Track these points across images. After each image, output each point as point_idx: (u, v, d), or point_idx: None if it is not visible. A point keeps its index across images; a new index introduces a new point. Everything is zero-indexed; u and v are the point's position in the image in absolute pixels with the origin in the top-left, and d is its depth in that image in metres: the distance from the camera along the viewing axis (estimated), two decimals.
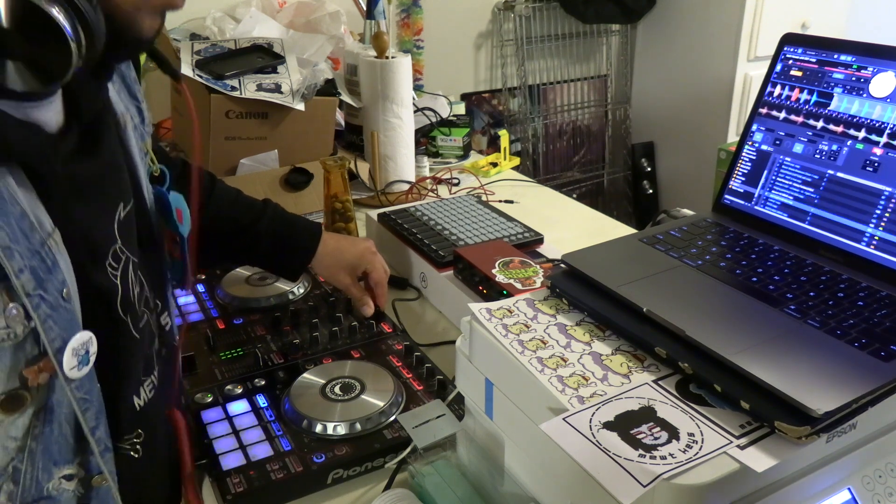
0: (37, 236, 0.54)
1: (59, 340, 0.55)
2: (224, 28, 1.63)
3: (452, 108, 1.85)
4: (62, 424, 0.58)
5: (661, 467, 0.50)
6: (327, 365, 0.94)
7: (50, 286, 0.54)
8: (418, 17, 2.23)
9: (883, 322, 0.62)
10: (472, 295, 1.04)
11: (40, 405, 0.57)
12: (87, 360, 0.58)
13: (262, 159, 1.39)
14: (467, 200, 1.36)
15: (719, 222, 0.82)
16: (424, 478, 0.73)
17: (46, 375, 0.56)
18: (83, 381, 0.58)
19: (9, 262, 0.51)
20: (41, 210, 0.55)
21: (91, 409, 0.59)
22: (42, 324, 0.53)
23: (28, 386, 0.55)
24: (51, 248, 0.55)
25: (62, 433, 0.58)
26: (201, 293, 1.14)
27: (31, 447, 0.57)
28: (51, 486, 0.59)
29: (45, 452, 0.58)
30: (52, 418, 0.57)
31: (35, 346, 0.55)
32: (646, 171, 2.82)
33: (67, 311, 0.56)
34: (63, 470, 0.59)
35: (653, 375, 0.60)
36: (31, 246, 0.53)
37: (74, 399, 0.57)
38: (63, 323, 0.55)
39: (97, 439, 0.60)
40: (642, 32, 2.72)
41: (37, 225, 0.54)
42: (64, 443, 0.59)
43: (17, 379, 0.54)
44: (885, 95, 0.71)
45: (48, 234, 0.55)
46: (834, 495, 0.59)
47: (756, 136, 0.82)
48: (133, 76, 0.75)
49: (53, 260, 0.55)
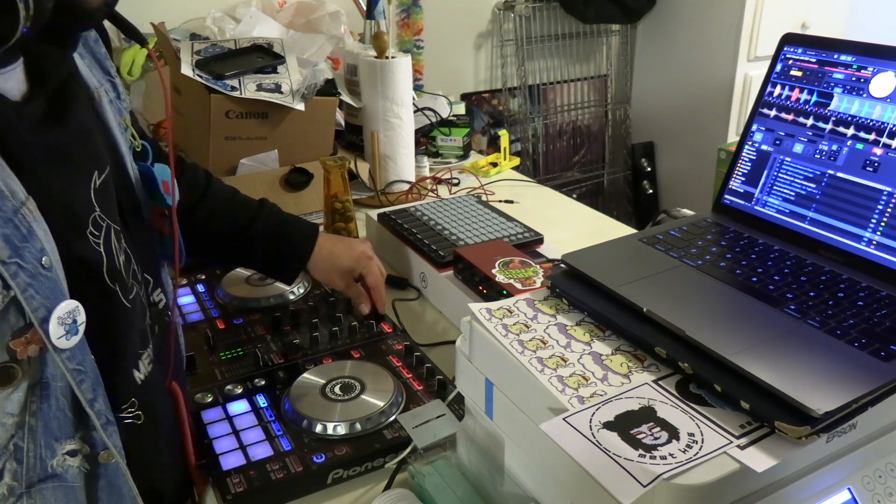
0: (9, 204, 0.53)
1: (42, 310, 0.55)
2: (224, 28, 1.63)
3: (452, 108, 1.84)
4: (59, 398, 0.58)
5: (661, 467, 0.50)
6: (327, 365, 0.94)
7: (27, 254, 0.54)
8: (418, 17, 2.23)
9: (883, 322, 0.62)
10: (472, 295, 1.04)
11: (35, 380, 0.56)
12: (76, 330, 0.57)
13: (262, 159, 1.39)
14: (467, 200, 1.36)
15: (719, 222, 0.82)
16: (424, 478, 0.73)
17: (36, 348, 0.55)
18: (74, 351, 0.58)
19: None
20: (12, 179, 0.54)
21: (87, 381, 0.59)
22: (22, 293, 0.53)
23: (18, 359, 0.55)
24: (25, 216, 0.54)
25: (59, 407, 0.58)
26: (201, 293, 1.14)
27: (30, 424, 0.57)
28: (55, 464, 0.59)
29: (45, 429, 0.57)
30: (48, 393, 0.57)
31: (20, 318, 0.54)
32: (646, 171, 2.82)
33: (49, 279, 0.55)
34: (65, 445, 0.59)
35: (653, 375, 0.60)
36: (3, 214, 0.53)
37: (67, 371, 0.57)
38: (45, 292, 0.55)
39: (97, 412, 0.60)
40: (642, 32, 2.72)
41: (8, 194, 0.53)
42: (63, 417, 0.58)
43: (4, 352, 0.54)
44: (885, 95, 0.71)
45: (21, 202, 0.54)
46: (834, 495, 0.59)
47: (756, 136, 0.82)
48: (104, 52, 0.74)
49: (29, 228, 0.54)
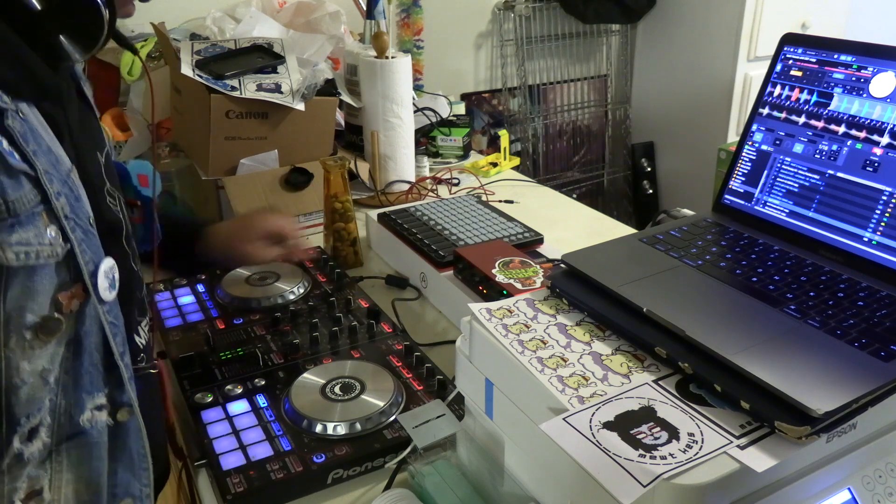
0: (63, 168, 0.59)
1: (91, 264, 0.60)
2: (224, 28, 1.62)
3: (452, 108, 1.85)
4: (92, 353, 0.61)
5: (661, 467, 0.50)
6: (327, 365, 0.94)
7: (80, 213, 0.59)
8: (418, 17, 2.23)
9: (883, 322, 0.62)
10: (472, 295, 1.04)
11: (70, 336, 0.60)
12: (115, 285, 0.63)
13: (262, 159, 1.39)
14: (467, 200, 1.36)
15: (719, 222, 0.82)
16: (424, 478, 0.73)
17: (77, 302, 0.59)
18: (112, 305, 0.63)
19: (49, 185, 0.56)
20: (59, 148, 0.60)
21: (119, 335, 0.64)
22: (77, 246, 0.58)
23: (63, 311, 0.58)
24: (74, 180, 0.60)
25: (92, 362, 0.61)
26: (201, 293, 1.14)
27: (63, 380, 0.60)
28: (84, 419, 0.62)
29: (76, 384, 0.61)
30: (80, 349, 0.60)
31: (67, 272, 0.58)
32: (646, 171, 2.82)
33: (95, 237, 0.61)
34: (95, 400, 0.62)
35: (653, 375, 0.60)
36: (60, 176, 0.58)
37: (106, 323, 0.62)
38: (93, 248, 0.60)
39: (125, 364, 0.64)
40: (642, 32, 2.73)
41: (61, 159, 0.59)
42: (95, 372, 0.62)
43: (53, 304, 0.57)
44: (885, 95, 0.71)
45: (69, 168, 0.60)
46: (834, 495, 0.59)
47: (756, 136, 0.82)
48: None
49: (78, 192, 0.60)
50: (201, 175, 1.40)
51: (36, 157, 0.55)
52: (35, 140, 0.56)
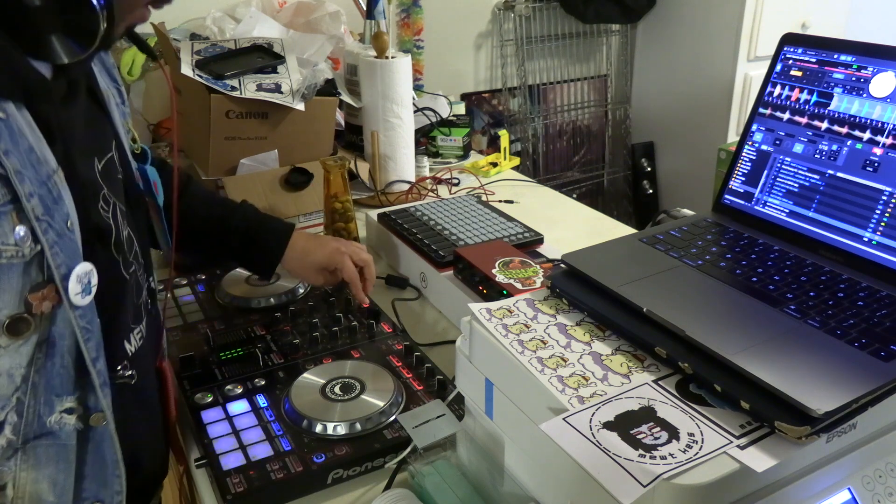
0: (44, 170, 0.58)
1: (64, 267, 0.59)
2: (224, 28, 1.62)
3: (452, 108, 1.84)
4: (63, 356, 0.61)
5: (661, 467, 0.50)
6: (327, 365, 0.94)
7: (56, 215, 0.59)
8: (418, 17, 2.23)
9: (883, 322, 0.62)
10: (472, 295, 1.04)
11: (43, 337, 0.60)
12: (90, 290, 0.62)
13: (262, 159, 1.38)
14: (467, 200, 1.36)
15: (719, 222, 0.82)
16: (424, 478, 0.73)
17: (49, 305, 0.59)
18: (86, 310, 0.62)
19: (20, 185, 0.55)
20: (46, 149, 0.59)
21: (92, 340, 0.63)
22: (49, 249, 0.58)
23: (32, 312, 0.58)
24: (56, 182, 0.59)
25: (63, 365, 0.61)
26: (201, 293, 1.14)
27: (33, 379, 0.60)
28: (52, 421, 0.62)
29: (46, 385, 0.61)
30: (53, 351, 0.61)
31: (40, 273, 0.58)
32: (646, 171, 2.82)
33: (71, 241, 0.60)
34: (64, 403, 0.62)
35: (653, 375, 0.60)
36: (38, 177, 0.57)
37: (78, 328, 0.61)
38: (68, 251, 0.60)
39: (98, 371, 0.64)
40: (642, 32, 2.72)
41: (43, 160, 0.58)
42: (66, 375, 0.62)
43: (22, 303, 0.57)
44: (885, 95, 0.71)
45: (53, 170, 0.59)
46: (834, 495, 0.59)
47: (756, 136, 0.82)
48: (111, 62, 0.80)
49: (59, 193, 0.59)
50: (201, 175, 1.40)
51: (7, 157, 0.55)
52: (11, 140, 0.55)
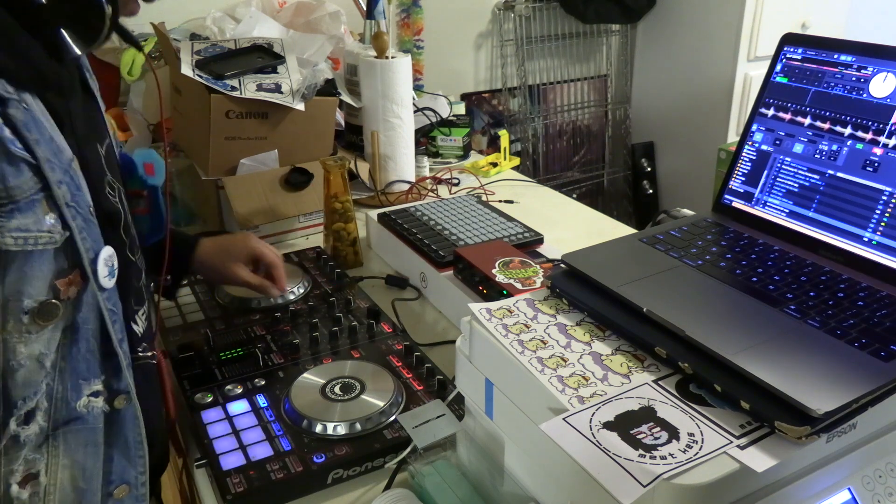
0: (64, 158, 0.60)
1: (92, 252, 0.61)
2: (224, 28, 1.62)
3: (452, 108, 1.84)
4: (89, 341, 0.63)
5: (661, 467, 0.50)
6: (327, 365, 0.94)
7: (81, 202, 0.61)
8: (418, 17, 2.23)
9: (883, 322, 0.62)
10: (472, 295, 1.04)
11: (68, 322, 0.61)
12: (114, 273, 0.65)
13: (262, 159, 1.38)
14: (467, 200, 1.36)
15: (719, 222, 0.82)
16: (424, 478, 0.73)
17: (75, 290, 0.61)
18: (111, 293, 0.64)
19: (51, 173, 0.57)
20: (61, 138, 0.61)
21: (118, 322, 0.65)
22: (78, 234, 0.60)
23: (60, 297, 0.60)
24: (75, 170, 0.61)
25: (89, 349, 0.63)
26: (201, 293, 1.14)
27: (60, 365, 0.62)
28: (81, 405, 0.63)
29: (73, 370, 0.62)
30: (77, 337, 0.62)
31: (65, 259, 0.60)
32: (646, 171, 2.82)
33: (95, 226, 0.63)
34: (92, 386, 0.64)
35: (653, 375, 0.60)
36: (62, 165, 0.59)
37: (106, 310, 0.63)
38: (93, 236, 0.62)
39: (124, 352, 0.66)
40: (642, 32, 2.73)
41: (63, 149, 0.60)
42: (92, 359, 0.64)
43: (50, 290, 0.59)
44: (885, 95, 0.71)
45: (71, 158, 0.61)
46: (834, 495, 0.59)
47: (756, 136, 0.82)
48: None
49: (79, 182, 0.62)
50: (201, 175, 1.40)
51: (38, 146, 0.56)
52: (37, 129, 0.57)
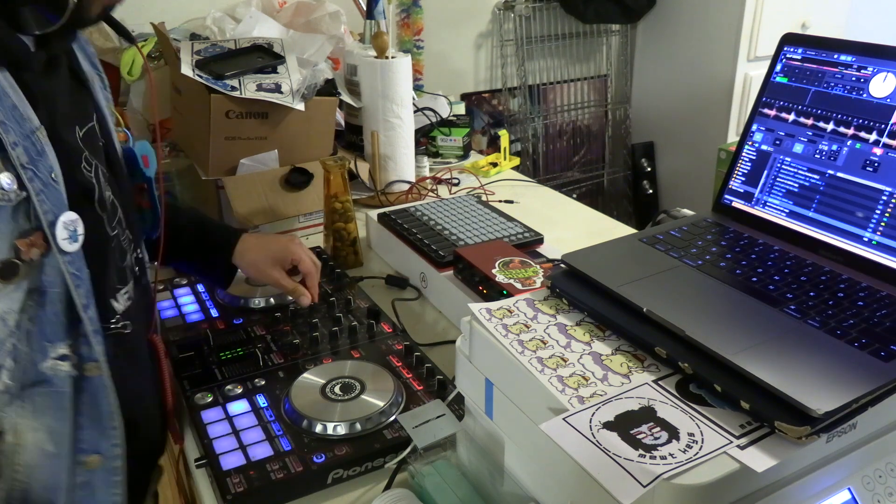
0: (27, 125, 0.62)
1: (51, 214, 0.63)
2: (224, 28, 1.62)
3: (452, 108, 1.84)
4: (55, 303, 0.65)
5: (661, 467, 0.50)
6: (327, 365, 0.94)
7: (41, 166, 0.63)
8: (418, 17, 2.23)
9: (883, 322, 0.62)
10: (472, 295, 1.04)
11: (33, 284, 0.63)
12: (77, 238, 0.65)
13: (262, 159, 1.38)
14: (467, 200, 1.36)
15: (719, 222, 0.82)
16: (424, 478, 0.73)
17: (38, 252, 0.63)
18: (74, 257, 0.65)
19: (4, 135, 0.59)
20: (29, 109, 0.63)
21: (82, 287, 0.66)
22: (35, 196, 0.61)
23: (21, 258, 0.61)
24: (39, 138, 0.63)
25: (55, 311, 0.65)
26: (201, 293, 1.14)
27: (27, 327, 0.64)
28: (47, 367, 0.65)
29: (39, 332, 0.64)
30: (44, 300, 0.64)
31: (27, 221, 0.62)
32: (646, 171, 2.82)
33: (56, 191, 0.64)
34: (57, 349, 0.65)
35: (653, 375, 0.60)
36: (22, 131, 0.61)
37: (68, 274, 0.64)
38: (53, 200, 0.63)
39: (89, 318, 0.67)
40: (642, 32, 2.73)
41: (26, 118, 0.62)
42: (57, 322, 0.65)
43: (11, 249, 0.61)
44: (885, 95, 0.71)
45: (36, 127, 0.63)
46: (834, 495, 0.59)
47: (756, 136, 0.82)
48: (92, 51, 0.85)
49: (42, 148, 0.63)
50: (201, 175, 1.40)
51: None
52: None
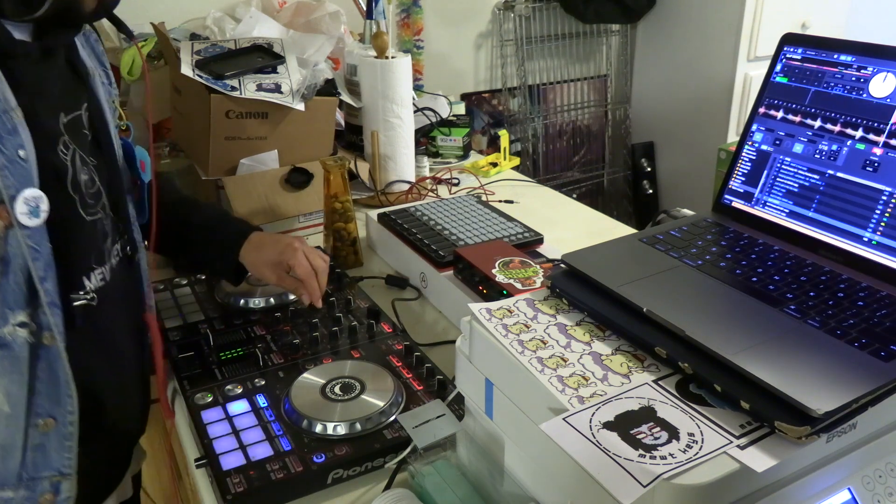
0: (1, 105, 0.65)
1: (13, 189, 0.65)
2: (224, 28, 1.62)
3: (452, 108, 1.84)
4: (16, 273, 0.68)
5: (661, 467, 0.50)
6: (327, 365, 0.94)
7: (8, 144, 0.65)
8: (418, 17, 2.23)
9: (883, 322, 0.62)
10: (472, 295, 1.04)
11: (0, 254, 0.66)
12: (38, 214, 0.68)
13: (262, 159, 1.39)
14: (467, 200, 1.36)
15: (719, 222, 0.82)
16: (424, 478, 0.73)
17: (2, 225, 0.65)
18: (34, 232, 0.68)
19: None
20: (8, 91, 0.66)
21: (40, 261, 0.69)
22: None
23: None
24: (12, 117, 0.66)
25: (17, 282, 0.68)
26: (201, 293, 1.14)
27: None
28: (6, 331, 0.68)
29: (2, 300, 0.67)
30: (7, 269, 0.67)
31: None
32: (646, 171, 2.82)
33: (23, 168, 0.66)
34: (17, 316, 0.68)
35: (653, 375, 0.60)
36: None
37: (26, 247, 0.67)
38: (18, 177, 0.66)
39: (45, 290, 0.69)
40: (642, 32, 2.72)
41: (2, 98, 0.65)
42: (18, 290, 0.68)
43: None
44: (885, 95, 0.71)
45: (11, 107, 0.66)
46: (834, 495, 0.59)
47: (756, 136, 0.82)
48: (101, 49, 0.88)
49: (14, 126, 0.66)
50: (201, 175, 1.40)
51: None
52: None
